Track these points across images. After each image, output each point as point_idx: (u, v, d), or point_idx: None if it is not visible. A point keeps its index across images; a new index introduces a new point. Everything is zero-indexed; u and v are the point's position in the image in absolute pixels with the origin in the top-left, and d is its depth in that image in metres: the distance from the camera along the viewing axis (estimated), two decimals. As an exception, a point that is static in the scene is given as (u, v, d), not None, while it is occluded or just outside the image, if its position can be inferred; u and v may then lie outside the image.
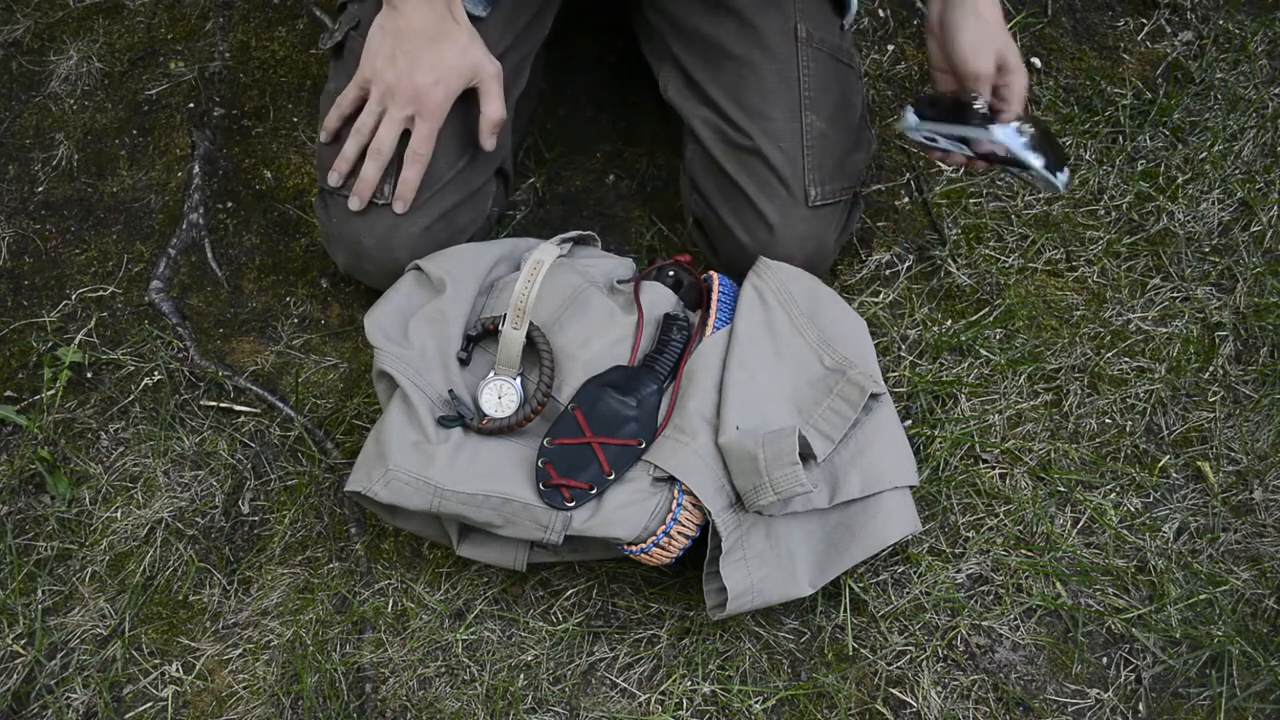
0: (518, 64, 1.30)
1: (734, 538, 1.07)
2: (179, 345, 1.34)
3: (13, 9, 1.60)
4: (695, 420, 1.10)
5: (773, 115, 1.23)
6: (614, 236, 1.41)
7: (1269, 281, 1.36)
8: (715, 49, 1.26)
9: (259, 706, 1.15)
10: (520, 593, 1.20)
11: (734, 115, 1.24)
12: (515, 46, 1.29)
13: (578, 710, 1.14)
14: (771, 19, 1.25)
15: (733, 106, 1.24)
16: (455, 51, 1.17)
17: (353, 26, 1.26)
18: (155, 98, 1.52)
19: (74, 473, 1.28)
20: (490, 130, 1.21)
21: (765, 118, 1.23)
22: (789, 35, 1.25)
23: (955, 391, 1.29)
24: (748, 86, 1.24)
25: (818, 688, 1.14)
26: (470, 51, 1.18)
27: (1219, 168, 1.43)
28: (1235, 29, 1.54)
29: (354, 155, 1.21)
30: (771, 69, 1.24)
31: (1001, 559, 1.20)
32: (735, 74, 1.25)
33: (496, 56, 1.24)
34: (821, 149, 1.24)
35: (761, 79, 1.24)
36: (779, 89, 1.24)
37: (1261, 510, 1.23)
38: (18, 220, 1.44)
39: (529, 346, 1.15)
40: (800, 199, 1.22)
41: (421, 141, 1.18)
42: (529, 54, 1.32)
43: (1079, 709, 1.14)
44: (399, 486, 1.07)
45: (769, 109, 1.23)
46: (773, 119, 1.23)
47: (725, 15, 1.26)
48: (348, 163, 1.21)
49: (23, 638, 1.19)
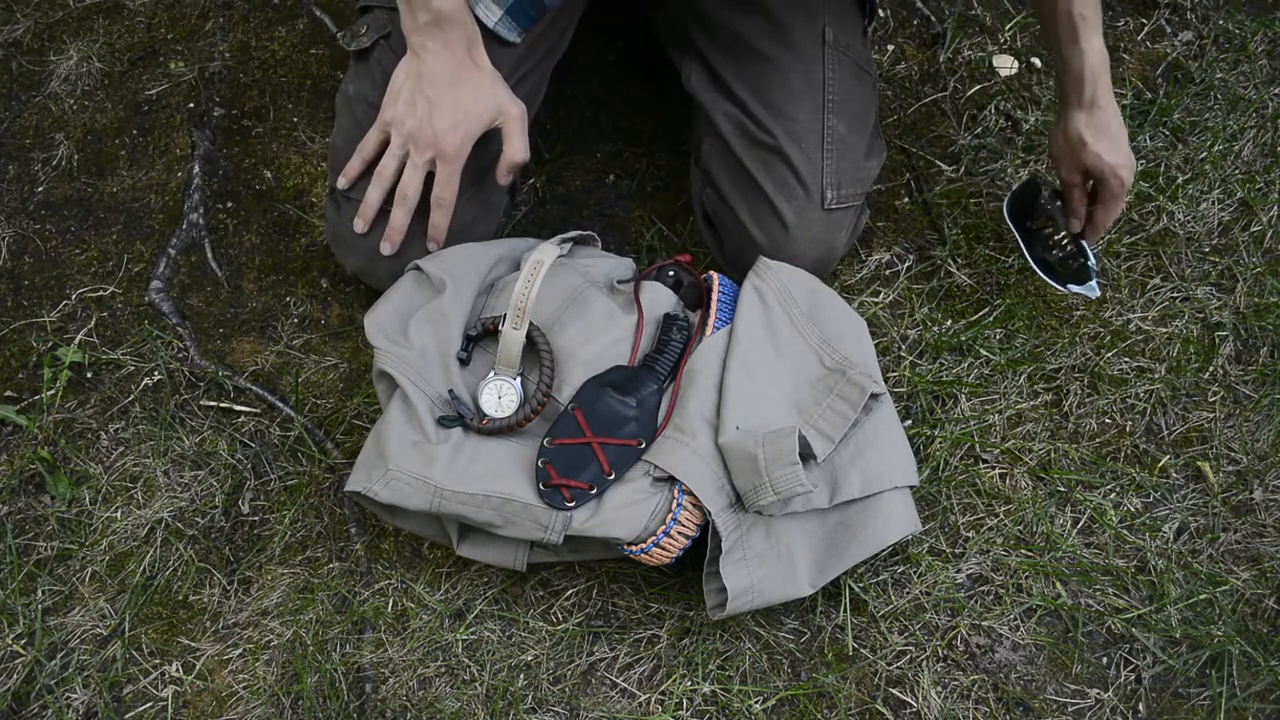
0: (540, 79, 1.30)
1: (734, 538, 1.07)
2: (179, 345, 1.34)
3: (13, 9, 1.60)
4: (695, 420, 1.10)
5: (796, 116, 1.24)
6: (614, 236, 1.41)
7: (1269, 281, 1.36)
8: (742, 45, 1.26)
9: (259, 706, 1.15)
10: (520, 593, 1.20)
11: (757, 112, 1.24)
12: (542, 63, 1.29)
13: (578, 710, 1.14)
14: (800, 19, 1.25)
15: (756, 103, 1.24)
16: (476, 95, 1.17)
17: (383, 35, 1.25)
18: (155, 98, 1.52)
19: (74, 473, 1.28)
20: (508, 170, 1.21)
21: (789, 118, 1.23)
22: (816, 37, 1.25)
23: (955, 391, 1.29)
24: (773, 85, 1.24)
25: (818, 688, 1.14)
26: (492, 95, 1.18)
27: (1219, 168, 1.43)
28: (1235, 29, 1.54)
29: (378, 201, 1.21)
30: (798, 70, 1.24)
31: (1001, 559, 1.20)
32: (761, 71, 1.25)
33: (525, 74, 1.24)
34: (840, 153, 1.24)
35: (787, 79, 1.24)
36: (804, 90, 1.24)
37: (1261, 510, 1.23)
38: (18, 220, 1.44)
39: (529, 346, 1.15)
40: (817, 201, 1.23)
41: (444, 186, 1.18)
42: (549, 69, 1.32)
43: (1079, 709, 1.14)
44: (399, 486, 1.07)
45: (793, 109, 1.24)
46: (796, 119, 1.24)
47: (754, 12, 1.26)
48: (373, 209, 1.21)
49: (23, 638, 1.19)
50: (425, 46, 1.15)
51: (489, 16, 1.21)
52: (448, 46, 1.15)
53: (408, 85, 1.17)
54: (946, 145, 1.46)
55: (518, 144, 1.20)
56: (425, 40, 1.15)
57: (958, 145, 1.45)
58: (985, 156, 1.45)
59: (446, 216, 1.20)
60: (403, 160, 1.19)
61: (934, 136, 1.47)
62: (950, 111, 1.48)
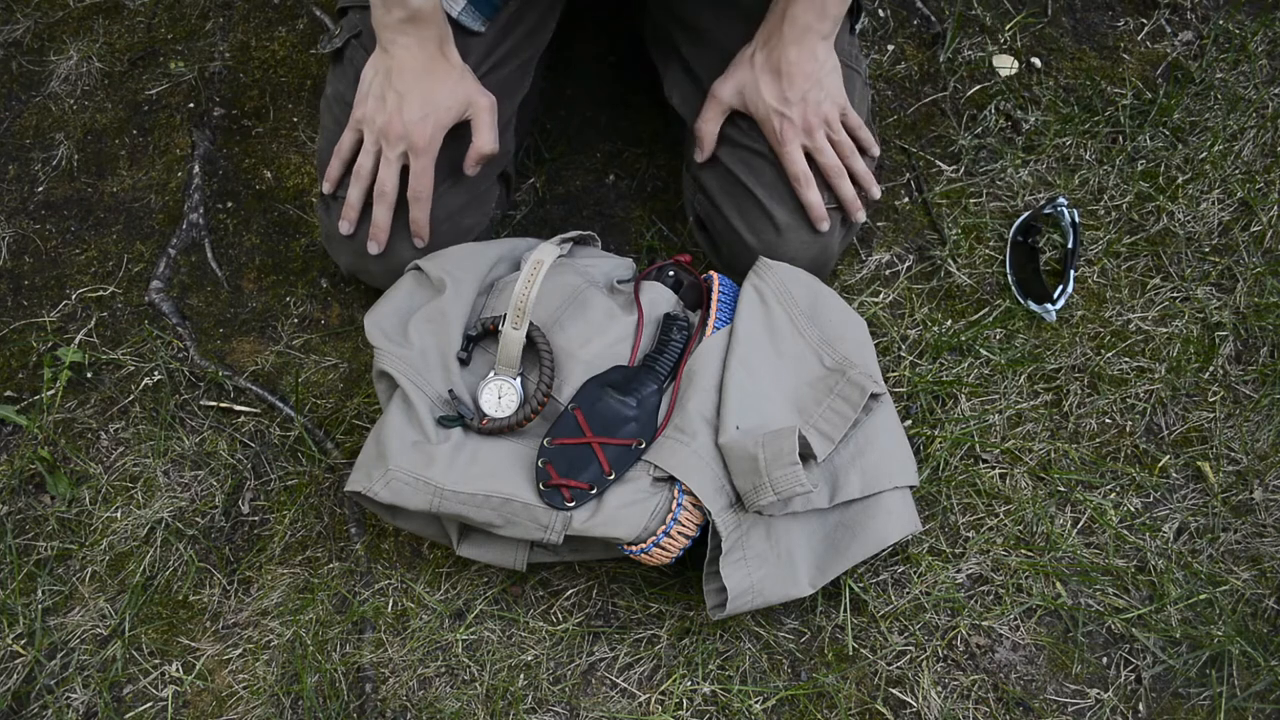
0: (520, 68, 1.30)
1: (734, 538, 1.07)
2: (179, 345, 1.34)
3: (13, 9, 1.60)
4: (695, 420, 1.10)
5: None
6: (614, 236, 1.41)
7: (1269, 281, 1.36)
8: (723, 51, 1.26)
9: (259, 706, 1.15)
10: (520, 593, 1.20)
11: (741, 120, 1.24)
12: (517, 51, 1.29)
13: (578, 710, 1.14)
14: None
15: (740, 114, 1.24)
16: (445, 88, 1.17)
17: (354, 35, 1.26)
18: (155, 98, 1.52)
19: (74, 473, 1.28)
20: (476, 161, 1.21)
21: None
22: None
23: (955, 391, 1.29)
24: None
25: (818, 688, 1.14)
26: (461, 87, 1.18)
27: (1219, 168, 1.43)
28: (1235, 29, 1.54)
29: (358, 201, 1.21)
30: None
31: (1001, 559, 1.20)
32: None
33: (497, 63, 1.24)
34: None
35: None
36: None
37: (1261, 510, 1.23)
38: (18, 220, 1.44)
39: (529, 346, 1.15)
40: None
41: (418, 179, 1.18)
42: (532, 59, 1.32)
43: (1079, 709, 1.14)
44: (399, 486, 1.07)
45: None
46: None
47: (734, 17, 1.25)
48: (355, 209, 1.22)
49: (23, 638, 1.19)
50: (396, 42, 1.16)
51: (452, 6, 1.21)
52: (420, 43, 1.16)
53: (377, 81, 1.18)
54: (946, 145, 1.46)
55: (486, 135, 1.20)
56: (396, 36, 1.15)
57: (958, 145, 1.45)
58: (985, 156, 1.45)
59: (425, 210, 1.20)
60: (377, 157, 1.19)
61: (934, 136, 1.47)
62: (950, 111, 1.48)
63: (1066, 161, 1.44)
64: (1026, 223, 1.36)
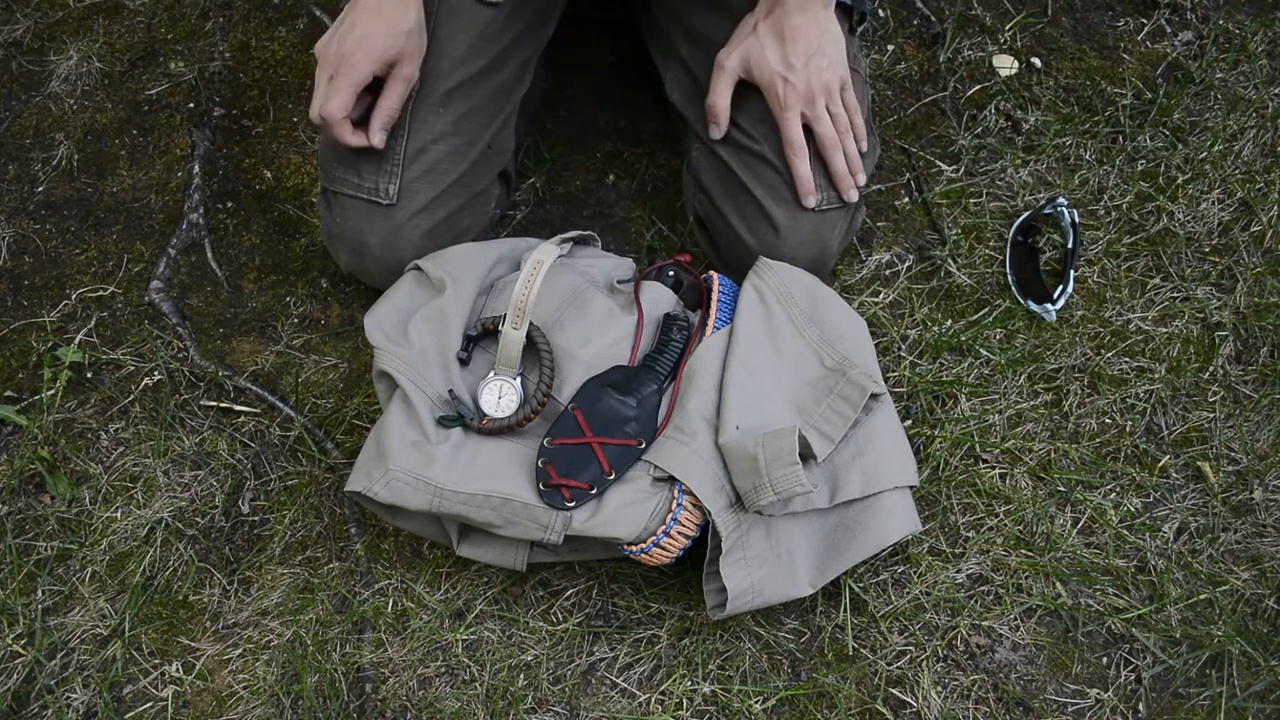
0: (521, 65, 1.30)
1: (734, 538, 1.07)
2: (179, 345, 1.34)
3: (13, 9, 1.60)
4: (695, 420, 1.10)
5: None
6: (614, 236, 1.41)
7: (1269, 281, 1.36)
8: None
9: (259, 706, 1.15)
10: (520, 593, 1.20)
11: (741, 120, 1.24)
12: (518, 47, 1.29)
13: (578, 710, 1.14)
14: None
15: (740, 111, 1.24)
16: (385, 29, 1.17)
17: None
18: (155, 98, 1.52)
19: (74, 473, 1.28)
20: (381, 123, 1.20)
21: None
22: None
23: (955, 391, 1.29)
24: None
25: (818, 688, 1.14)
26: (400, 37, 1.18)
27: (1219, 168, 1.43)
28: (1235, 29, 1.54)
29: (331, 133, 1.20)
30: None
31: (1001, 559, 1.20)
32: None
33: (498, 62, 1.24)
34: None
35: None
36: None
37: (1261, 510, 1.23)
38: (18, 220, 1.44)
39: (529, 346, 1.15)
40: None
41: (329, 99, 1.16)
42: (532, 56, 1.32)
43: (1079, 709, 1.14)
44: (399, 486, 1.07)
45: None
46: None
47: (730, 19, 1.25)
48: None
49: (23, 638, 1.19)
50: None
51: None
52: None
53: (340, 18, 1.19)
54: (946, 145, 1.46)
55: (392, 98, 1.19)
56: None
57: (958, 145, 1.45)
58: (985, 156, 1.45)
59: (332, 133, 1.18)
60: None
61: (934, 136, 1.47)
62: (950, 111, 1.48)
63: (1066, 161, 1.44)
64: (1026, 223, 1.36)
